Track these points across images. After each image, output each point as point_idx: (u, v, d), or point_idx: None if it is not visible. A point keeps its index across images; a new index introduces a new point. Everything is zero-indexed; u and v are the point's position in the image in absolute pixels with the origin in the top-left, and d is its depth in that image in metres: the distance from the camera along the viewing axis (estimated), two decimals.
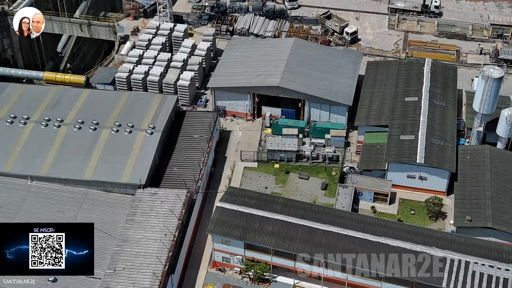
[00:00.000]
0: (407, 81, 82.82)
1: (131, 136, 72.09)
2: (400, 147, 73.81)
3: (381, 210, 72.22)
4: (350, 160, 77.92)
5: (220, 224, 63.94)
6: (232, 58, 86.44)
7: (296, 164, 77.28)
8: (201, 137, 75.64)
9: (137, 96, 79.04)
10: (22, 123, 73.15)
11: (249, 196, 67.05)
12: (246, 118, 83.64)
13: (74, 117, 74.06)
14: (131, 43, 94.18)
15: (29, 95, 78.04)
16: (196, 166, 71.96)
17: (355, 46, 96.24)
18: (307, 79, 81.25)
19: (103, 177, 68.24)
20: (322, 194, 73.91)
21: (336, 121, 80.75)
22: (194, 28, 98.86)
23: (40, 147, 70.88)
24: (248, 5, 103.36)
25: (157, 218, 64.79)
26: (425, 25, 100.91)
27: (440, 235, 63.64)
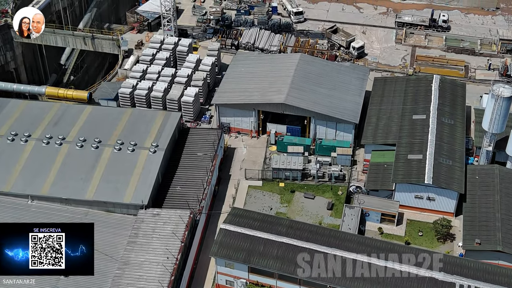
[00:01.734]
0: (415, 98, 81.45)
1: (133, 154, 70.86)
2: (408, 167, 72.37)
3: (388, 231, 70.73)
4: (356, 179, 76.49)
5: (223, 246, 62.58)
6: (237, 73, 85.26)
7: (301, 183, 75.88)
8: (205, 155, 74.39)
9: (141, 113, 77.85)
10: (23, 141, 72.02)
11: (253, 217, 65.65)
12: (251, 135, 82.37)
13: (76, 135, 72.89)
14: (135, 57, 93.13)
15: (31, 112, 76.97)
16: (199, 186, 70.65)
17: (362, 61, 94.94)
18: (313, 96, 79.96)
19: (104, 197, 66.99)
20: (328, 214, 72.50)
21: (342, 138, 79.39)
22: (199, 42, 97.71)
23: (41, 166, 69.72)
24: (253, 19, 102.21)
25: (159, 240, 63.51)
26: (433, 40, 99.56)
27: (449, 260, 62.04)
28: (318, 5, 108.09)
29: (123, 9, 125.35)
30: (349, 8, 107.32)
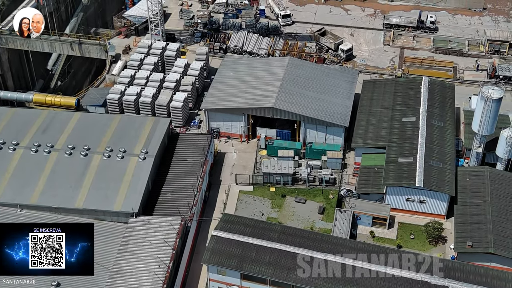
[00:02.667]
0: (404, 101, 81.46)
1: (123, 161, 70.31)
2: (399, 170, 72.34)
3: (380, 235, 70.66)
4: (347, 182, 76.36)
5: (215, 253, 62.21)
6: (226, 78, 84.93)
7: (292, 187, 75.66)
8: (195, 161, 73.96)
9: (129, 120, 77.33)
10: (11, 149, 71.25)
11: (245, 223, 65.32)
12: (241, 140, 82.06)
13: (65, 142, 72.23)
14: (122, 63, 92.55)
15: (19, 119, 76.21)
16: (190, 192, 70.27)
17: (350, 63, 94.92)
18: (303, 100, 79.77)
19: (94, 205, 66.41)
20: (319, 218, 72.31)
21: (332, 142, 79.26)
22: (187, 46, 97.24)
23: (30, 174, 69.02)
24: (241, 22, 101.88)
25: (151, 248, 63.05)
26: (421, 41, 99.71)
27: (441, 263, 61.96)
28: (305, 7, 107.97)
29: (109, 13, 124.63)
30: (337, 10, 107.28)
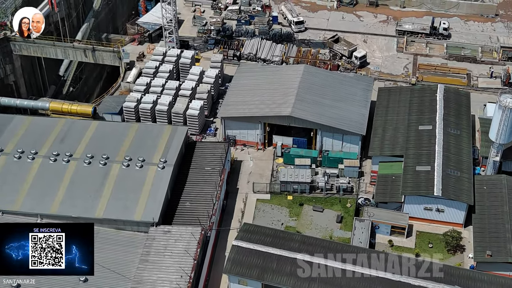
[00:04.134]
0: (420, 109, 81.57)
1: (142, 171, 70.47)
2: (417, 179, 72.48)
3: (399, 243, 70.78)
4: (364, 191, 76.46)
5: (236, 263, 62.40)
6: (241, 86, 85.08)
7: (309, 196, 75.79)
8: (213, 169, 74.09)
9: (147, 128, 77.49)
10: (30, 158, 71.41)
11: (265, 233, 65.52)
12: (257, 147, 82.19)
13: (83, 151, 72.37)
14: (137, 70, 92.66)
15: (36, 128, 76.35)
16: (209, 201, 70.39)
17: (364, 70, 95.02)
18: (319, 108, 79.91)
19: (114, 215, 66.55)
20: (337, 227, 72.45)
21: (349, 150, 79.38)
22: (201, 53, 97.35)
23: (49, 184, 69.16)
24: (254, 29, 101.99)
25: (172, 258, 63.19)
26: (434, 47, 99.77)
27: (462, 273, 62.21)
28: (318, 13, 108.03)
29: (120, 18, 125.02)
30: (349, 16, 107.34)
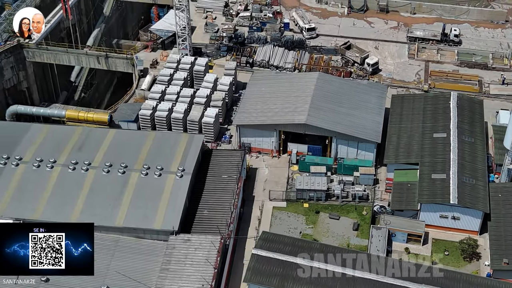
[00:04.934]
0: (434, 116, 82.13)
1: (160, 179, 71.02)
2: (432, 187, 73.03)
3: (415, 251, 71.31)
4: (380, 198, 77.02)
5: (256, 272, 62.97)
6: (256, 93, 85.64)
7: (325, 203, 76.35)
8: (229, 177, 74.64)
9: (164, 136, 78.04)
10: (49, 167, 71.98)
11: (283, 241, 66.09)
12: (272, 155, 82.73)
13: (102, 160, 72.92)
14: (151, 77, 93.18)
15: (54, 136, 76.89)
16: (226, 209, 70.95)
17: (376, 76, 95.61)
18: (334, 116, 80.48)
19: (134, 224, 67.12)
20: (354, 235, 73.01)
21: (363, 157, 79.95)
22: (213, 60, 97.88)
23: (69, 193, 69.73)
24: (266, 35, 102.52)
25: (192, 267, 63.73)
26: (445, 54, 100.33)
27: (480, 281, 62.82)
28: (329, 20, 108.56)
29: (130, 24, 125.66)
30: (360, 23, 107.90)
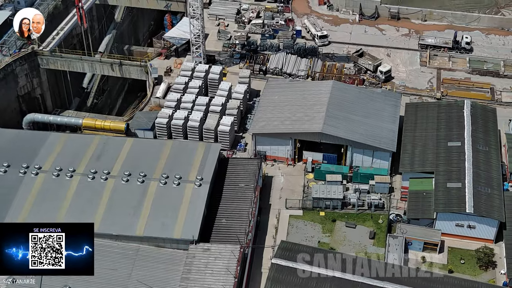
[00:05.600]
0: (448, 125, 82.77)
1: (179, 188, 71.66)
2: (448, 196, 73.68)
3: (431, 259, 71.98)
4: (395, 206, 77.65)
5: (276, 282, 63.46)
6: (271, 102, 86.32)
7: (341, 212, 77.01)
8: (247, 186, 75.30)
9: (181, 145, 78.70)
10: (68, 176, 72.63)
11: (303, 251, 66.54)
12: (287, 163, 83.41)
13: (121, 169, 73.55)
14: (165, 85, 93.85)
15: (72, 145, 77.49)
16: (244, 218, 71.55)
17: (389, 84, 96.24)
18: (349, 124, 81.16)
19: (155, 233, 67.72)
20: (370, 243, 73.66)
21: (378, 166, 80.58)
22: (227, 68, 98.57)
23: (89, 202, 70.34)
24: (278, 43, 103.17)
25: (213, 276, 64.36)
26: (456, 62, 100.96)
27: None
28: (340, 27, 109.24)
29: (141, 30, 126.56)
30: (372, 30, 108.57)
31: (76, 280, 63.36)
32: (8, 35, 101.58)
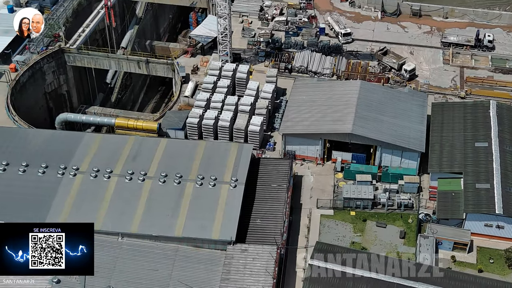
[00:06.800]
0: (474, 125, 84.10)
1: (215, 189, 73.17)
2: (477, 197, 75.18)
3: (461, 259, 73.65)
4: (424, 206, 79.21)
5: (314, 283, 65.16)
6: (300, 101, 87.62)
7: (371, 211, 78.59)
8: (279, 186, 76.80)
9: (213, 146, 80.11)
10: (106, 177, 74.14)
11: (338, 252, 68.24)
12: (316, 162, 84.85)
13: (157, 170, 75.02)
14: (193, 83, 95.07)
15: (108, 146, 78.92)
16: (278, 218, 73.08)
17: (413, 82, 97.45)
18: (378, 125, 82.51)
19: (193, 234, 69.27)
20: (401, 243, 75.28)
21: (407, 166, 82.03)
22: (252, 66, 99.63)
23: (127, 203, 71.90)
24: (302, 40, 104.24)
25: (252, 277, 66.06)
26: (479, 60, 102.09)
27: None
28: (363, 24, 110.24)
29: (162, 25, 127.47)
30: (394, 27, 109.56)
31: (118, 280, 65.43)
32: None
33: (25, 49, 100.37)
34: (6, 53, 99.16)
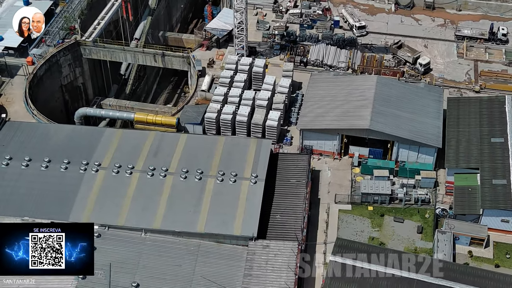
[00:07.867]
0: (490, 121, 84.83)
1: (235, 185, 74.13)
2: (494, 193, 76.12)
3: (478, 254, 74.78)
4: (441, 201, 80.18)
5: (335, 279, 66.26)
6: (317, 96, 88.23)
7: (389, 206, 79.56)
8: (298, 181, 77.71)
9: (233, 141, 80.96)
10: (128, 173, 75.08)
11: (358, 248, 69.29)
12: (333, 157, 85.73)
13: (178, 166, 75.96)
14: (210, 77, 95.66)
15: (128, 141, 79.79)
16: (298, 214, 74.01)
17: (428, 76, 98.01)
18: (395, 121, 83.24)
19: (215, 229, 70.31)
20: (418, 238, 76.37)
21: (423, 161, 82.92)
22: (268, 59, 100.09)
23: (150, 198, 72.92)
24: (317, 33, 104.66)
25: (274, 273, 67.18)
26: (492, 53, 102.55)
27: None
28: (376, 17, 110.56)
29: (174, 16, 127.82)
30: (408, 20, 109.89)
31: (143, 277, 66.54)
32: (50, 25, 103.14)
33: (41, 42, 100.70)
34: (23, 46, 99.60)
